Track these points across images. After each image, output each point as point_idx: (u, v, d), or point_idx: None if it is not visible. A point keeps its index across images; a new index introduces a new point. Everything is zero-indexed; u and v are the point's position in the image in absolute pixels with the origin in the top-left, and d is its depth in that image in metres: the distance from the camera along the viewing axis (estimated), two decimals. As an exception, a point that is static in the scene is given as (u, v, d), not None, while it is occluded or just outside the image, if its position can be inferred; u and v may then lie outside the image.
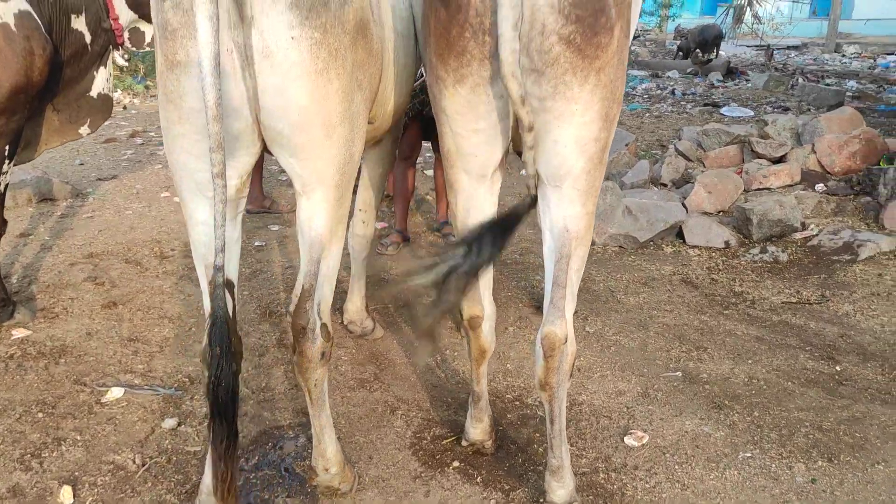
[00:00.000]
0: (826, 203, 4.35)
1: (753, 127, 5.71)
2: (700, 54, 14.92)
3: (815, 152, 4.83)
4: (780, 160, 4.96)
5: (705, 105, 9.04)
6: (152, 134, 7.02)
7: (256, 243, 4.17)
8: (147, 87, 9.32)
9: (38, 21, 2.80)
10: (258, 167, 4.62)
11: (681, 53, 14.25)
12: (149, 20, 3.27)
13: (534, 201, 1.94)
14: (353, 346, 2.99)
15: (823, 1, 20.14)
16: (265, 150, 1.86)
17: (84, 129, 3.29)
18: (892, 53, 15.31)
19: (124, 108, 8.49)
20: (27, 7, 2.77)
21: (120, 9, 3.15)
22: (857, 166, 4.67)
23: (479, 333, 2.12)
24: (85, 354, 2.84)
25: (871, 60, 14.98)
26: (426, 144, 4.33)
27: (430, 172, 5.50)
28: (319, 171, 1.83)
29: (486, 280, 2.11)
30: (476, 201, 2.01)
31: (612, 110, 1.82)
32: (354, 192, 2.91)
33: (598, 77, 1.74)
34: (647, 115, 8.54)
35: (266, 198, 4.75)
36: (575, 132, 1.78)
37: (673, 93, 10.26)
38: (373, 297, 3.42)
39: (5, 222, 3.01)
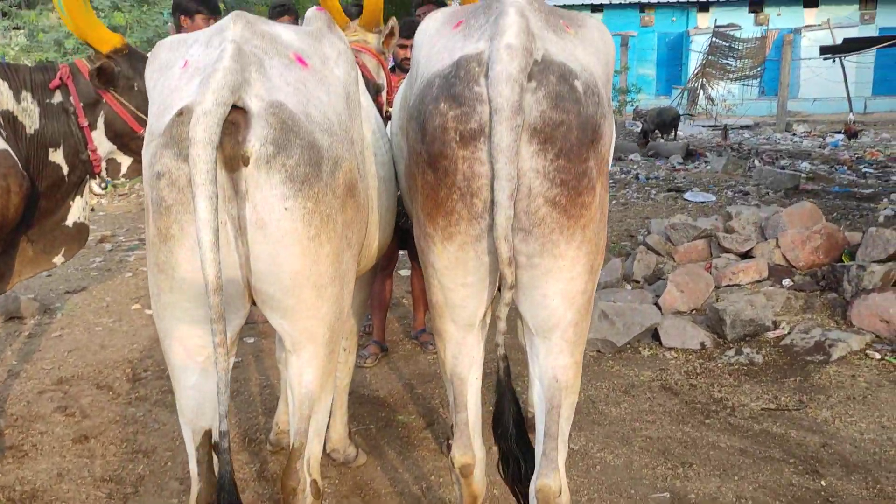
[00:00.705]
0: (794, 300, 4.45)
1: (718, 219, 5.88)
2: (660, 135, 15.44)
3: (779, 247, 4.97)
4: (746, 254, 5.10)
5: (669, 190, 9.29)
6: (121, 238, 6.98)
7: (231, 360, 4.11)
8: (115, 187, 9.31)
9: (16, 158, 2.81)
10: None
11: (642, 137, 14.71)
12: (126, 151, 3.29)
13: (506, 369, 1.97)
14: (336, 475, 2.93)
15: (771, 82, 21.10)
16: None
17: (58, 259, 3.25)
18: (839, 132, 15.99)
19: (92, 209, 8.44)
20: (4, 146, 2.78)
21: (99, 140, 3.16)
22: (821, 261, 4.81)
23: (471, 481, 2.11)
24: (56, 500, 2.74)
25: (821, 139, 15.62)
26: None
27: (404, 272, 5.53)
28: (310, 330, 1.85)
29: (476, 424, 2.11)
30: (464, 349, 2.03)
31: (596, 262, 1.88)
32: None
33: (583, 233, 1.80)
34: (614, 202, 8.74)
35: None
36: (563, 286, 1.83)
37: (637, 177, 10.54)
38: (355, 416, 3.38)
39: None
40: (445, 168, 1.77)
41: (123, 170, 3.38)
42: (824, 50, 18.43)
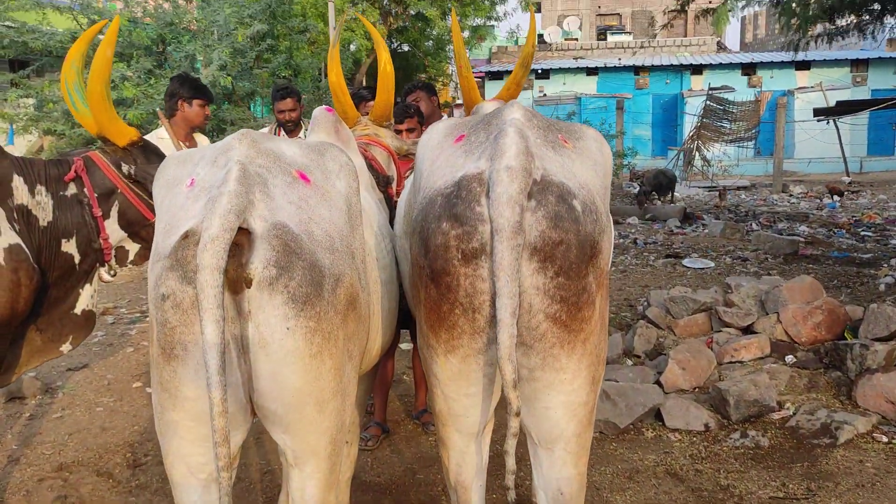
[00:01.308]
0: (798, 378, 4.44)
1: (717, 291, 5.89)
2: (657, 197, 15.59)
3: (780, 322, 4.97)
4: (747, 329, 5.10)
5: (667, 257, 9.32)
6: (123, 310, 6.98)
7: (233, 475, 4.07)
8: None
9: (27, 252, 2.84)
10: None
11: (640, 198, 14.84)
12: (135, 239, 3.35)
13: None
14: (338, 572, 2.87)
15: (767, 142, 21.41)
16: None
17: (66, 347, 3.26)
18: (836, 193, 16.15)
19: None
20: (17, 240, 2.82)
21: (111, 229, 3.21)
22: (823, 336, 4.80)
23: None
24: None
25: (818, 200, 15.76)
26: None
27: (405, 346, 5.51)
28: (312, 445, 1.85)
29: None
30: (468, 458, 2.03)
31: (598, 373, 1.89)
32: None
33: (584, 346, 1.82)
34: (613, 269, 8.77)
35: None
36: (565, 399, 1.84)
37: (635, 242, 10.59)
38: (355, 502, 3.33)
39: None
40: (448, 284, 1.80)
41: (131, 257, 3.43)
42: (818, 112, 18.76)
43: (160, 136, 4.41)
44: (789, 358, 4.71)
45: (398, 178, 3.46)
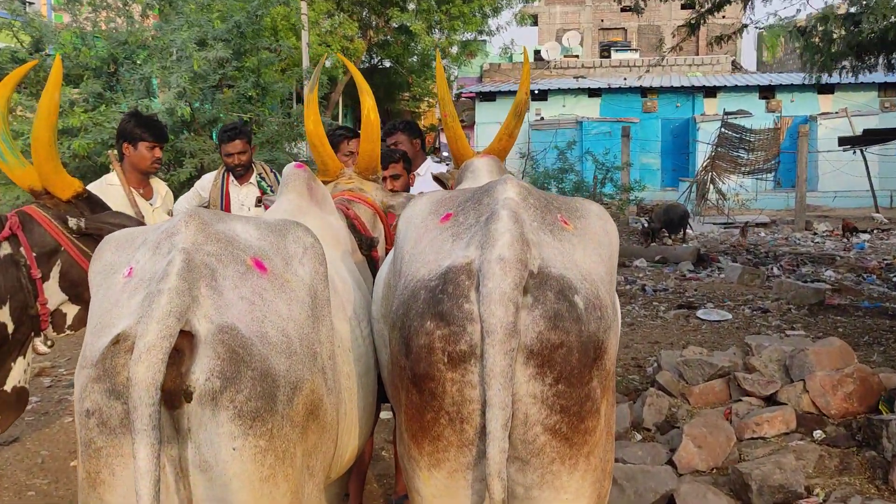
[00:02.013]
0: (828, 458, 4.41)
1: (736, 353, 5.89)
2: (667, 234, 15.69)
3: (807, 391, 4.95)
4: (770, 398, 5.08)
5: (679, 307, 9.33)
6: (62, 370, 6.87)
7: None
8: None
9: None
10: None
11: (648, 238, 14.92)
12: (74, 301, 3.30)
13: None
14: None
15: (787, 173, 21.67)
16: None
17: (-10, 431, 3.19)
18: (865, 231, 16.32)
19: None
20: (-62, 310, 2.77)
21: (51, 292, 3.17)
22: (855, 409, 4.79)
23: None
24: None
25: (846, 240, 15.90)
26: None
27: (384, 415, 5.44)
28: None
29: None
30: (453, 584, 1.96)
31: (604, 488, 1.86)
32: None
33: (587, 461, 1.78)
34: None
35: None
36: (566, 522, 1.80)
37: (644, 289, 10.61)
38: None
39: None
40: (432, 390, 1.77)
41: (70, 321, 3.36)
42: (843, 141, 19.01)
43: (110, 183, 4.37)
44: (817, 433, 4.68)
45: (387, 236, 3.43)
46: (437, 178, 3.69)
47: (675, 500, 4.08)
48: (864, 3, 4.62)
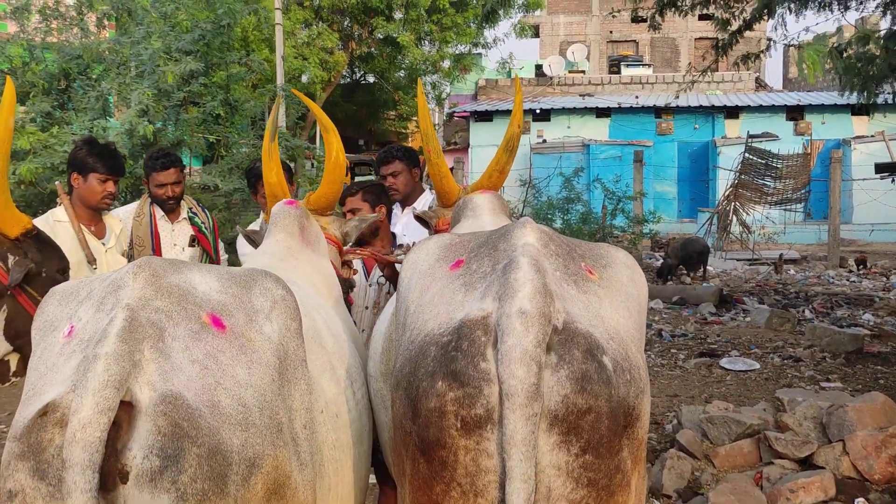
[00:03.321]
0: (872, 531, 4.44)
1: (767, 409, 5.93)
2: (685, 272, 15.80)
3: (847, 453, 4.99)
4: (805, 461, 5.11)
5: (701, 355, 9.39)
6: (2, 426, 6.84)
7: None
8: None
9: None
10: None
11: (663, 277, 15.02)
12: (20, 352, 3.31)
13: None
14: None
15: (818, 203, 21.90)
16: None
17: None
18: (861, 263, 16.46)
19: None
20: None
21: None
22: (902, 473, 4.83)
23: None
24: None
25: (885, 278, 16.04)
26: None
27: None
28: None
29: None
30: None
31: (634, 572, 1.87)
32: None
33: (616, 538, 1.80)
34: (633, 371, 8.81)
35: None
36: None
37: (660, 334, 10.66)
38: None
39: None
40: (443, 459, 1.79)
41: (13, 367, 3.37)
42: (881, 168, 19.25)
43: (57, 219, 4.32)
44: (860, 501, 4.71)
45: (368, 264, 3.48)
46: (419, 218, 3.71)
47: (702, 579, 4.10)
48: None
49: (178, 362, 1.74)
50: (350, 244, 3.60)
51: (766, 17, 8.71)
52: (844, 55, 6.92)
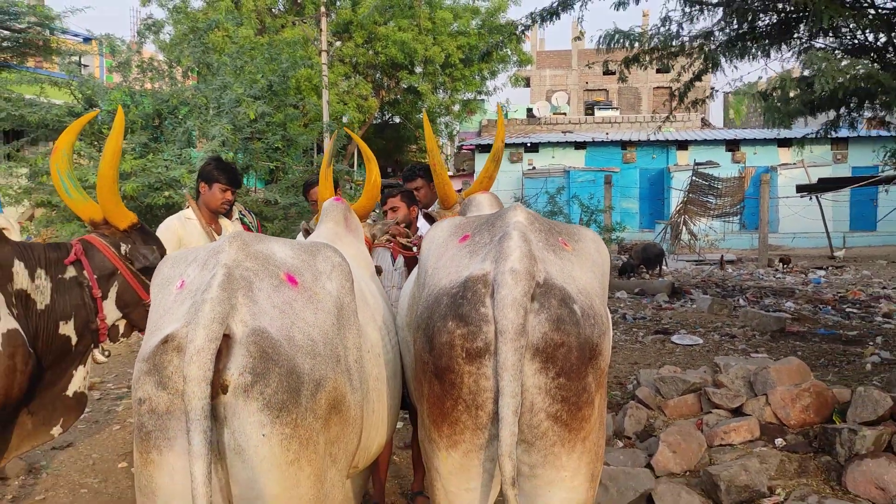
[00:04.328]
0: (788, 462, 4.47)
1: (707, 372, 5.97)
2: (645, 270, 15.81)
3: (769, 405, 5.03)
4: (736, 410, 5.15)
5: (656, 333, 9.42)
6: (111, 385, 6.94)
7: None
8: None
9: (24, 337, 2.87)
10: None
11: (626, 273, 15.03)
12: (127, 319, 3.40)
13: None
14: None
15: (751, 217, 21.85)
16: None
17: (56, 430, 3.26)
18: (821, 268, 16.42)
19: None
20: (15, 325, 2.85)
21: (108, 310, 3.26)
22: (812, 419, 4.86)
23: None
24: None
25: (803, 275, 16.01)
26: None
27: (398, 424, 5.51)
28: None
29: None
30: (466, 553, 2.05)
31: (596, 469, 1.95)
32: None
33: (583, 445, 1.88)
34: (602, 345, 8.85)
35: None
36: (564, 496, 1.90)
37: (624, 317, 10.69)
38: None
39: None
40: (452, 381, 1.87)
41: (121, 330, 3.47)
42: (801, 189, 19.21)
43: (187, 217, 4.46)
44: (779, 441, 4.75)
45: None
46: (426, 215, 3.81)
47: (653, 499, 4.15)
48: (815, 67, 4.82)
49: (263, 307, 1.83)
50: (376, 241, 3.69)
51: (710, 71, 8.75)
52: (767, 97, 6.97)
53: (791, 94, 6.72)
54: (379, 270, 3.36)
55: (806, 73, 6.36)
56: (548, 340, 1.83)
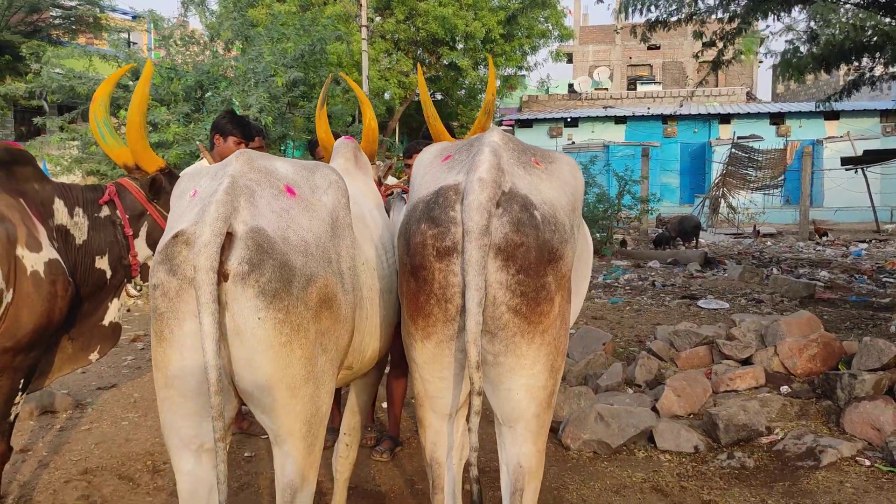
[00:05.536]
0: (790, 406, 4.59)
1: (722, 327, 6.07)
2: (681, 243, 15.77)
3: (777, 355, 5.14)
4: (746, 361, 5.27)
5: (683, 298, 9.48)
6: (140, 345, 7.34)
7: (246, 454, 4.35)
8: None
9: (64, 266, 3.18)
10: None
11: (662, 245, 15.01)
12: (156, 255, 3.70)
13: (479, 492, 2.16)
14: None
15: (795, 191, 21.49)
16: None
17: (94, 356, 3.58)
18: (863, 241, 16.13)
19: (128, 310, 8.90)
20: (56, 256, 3.15)
21: (139, 247, 3.56)
22: (818, 369, 4.96)
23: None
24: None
25: (844, 248, 15.76)
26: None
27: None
28: (287, 426, 2.10)
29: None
30: (441, 437, 2.29)
31: (557, 362, 2.16)
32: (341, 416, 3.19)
33: (542, 337, 2.08)
34: (628, 308, 8.96)
35: (244, 419, 4.80)
36: (525, 382, 2.11)
37: (654, 284, 10.76)
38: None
39: (11, 449, 3.23)
40: (424, 277, 2.09)
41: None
42: (846, 161, 18.85)
43: (203, 165, 4.74)
44: (784, 388, 4.86)
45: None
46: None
47: (654, 436, 4.32)
48: (821, 18, 4.83)
49: (263, 211, 2.07)
50: (382, 182, 3.91)
51: (741, 31, 8.65)
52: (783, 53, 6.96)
53: (799, 46, 6.69)
54: (386, 209, 3.58)
55: (812, 24, 6.33)
56: (508, 240, 2.03)
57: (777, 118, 25.63)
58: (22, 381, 3.13)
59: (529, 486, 2.15)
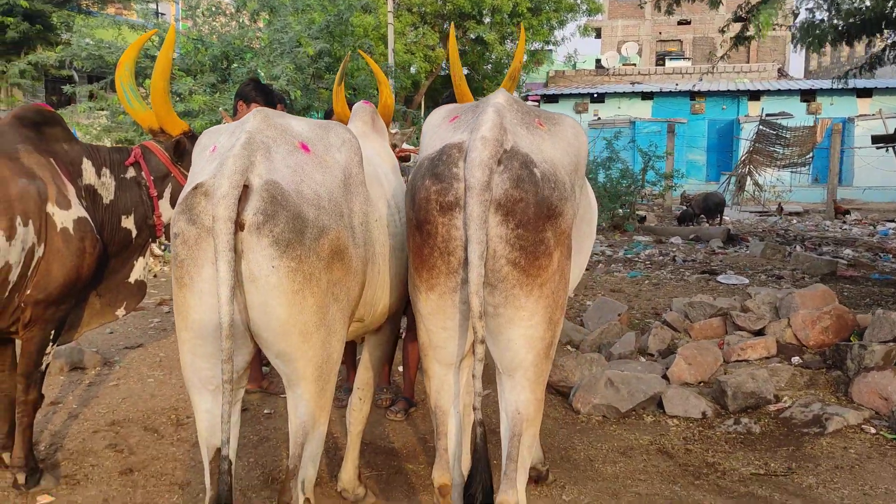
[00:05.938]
0: (800, 376, 4.65)
1: (737, 299, 6.11)
2: (705, 220, 15.68)
3: (790, 326, 5.18)
4: (759, 332, 5.31)
5: (702, 273, 9.49)
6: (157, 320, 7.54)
7: (266, 411, 4.51)
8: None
9: (92, 225, 3.32)
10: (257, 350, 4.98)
11: (685, 222, 14.96)
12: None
13: (482, 434, 2.26)
14: (346, 513, 3.26)
15: (824, 170, 21.19)
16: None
17: (120, 312, 3.74)
18: (892, 220, 15.91)
19: (154, 276, 9.13)
20: (84, 214, 3.29)
21: (164, 208, 3.69)
22: (830, 340, 4.99)
23: (449, 501, 2.43)
24: (101, 519, 3.14)
25: (871, 227, 15.58)
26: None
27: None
28: (300, 370, 2.22)
29: (455, 450, 2.45)
30: (446, 385, 2.40)
31: (555, 315, 2.25)
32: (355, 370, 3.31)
33: (541, 290, 2.18)
34: (647, 282, 8.99)
35: (265, 378, 4.94)
36: (523, 332, 2.20)
37: (674, 259, 10.76)
38: (370, 463, 3.72)
39: (42, 397, 3.41)
40: (428, 231, 2.19)
41: None
42: (876, 139, 18.49)
43: None
44: (795, 359, 4.91)
45: None
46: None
47: (663, 400, 4.41)
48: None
49: (278, 165, 2.18)
50: (398, 146, 4.00)
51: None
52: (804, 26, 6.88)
53: (820, 17, 6.62)
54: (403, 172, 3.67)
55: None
56: (508, 196, 2.11)
57: (808, 95, 25.21)
58: (53, 332, 3.29)
59: (527, 432, 2.25)
